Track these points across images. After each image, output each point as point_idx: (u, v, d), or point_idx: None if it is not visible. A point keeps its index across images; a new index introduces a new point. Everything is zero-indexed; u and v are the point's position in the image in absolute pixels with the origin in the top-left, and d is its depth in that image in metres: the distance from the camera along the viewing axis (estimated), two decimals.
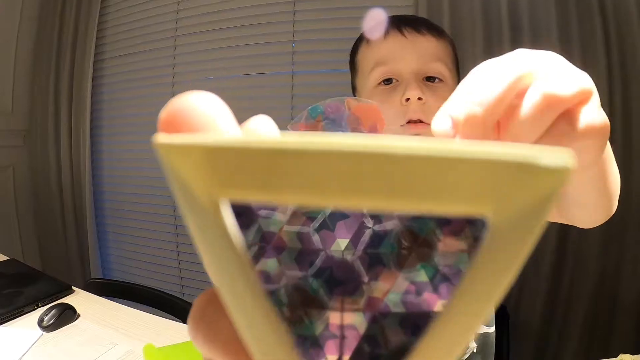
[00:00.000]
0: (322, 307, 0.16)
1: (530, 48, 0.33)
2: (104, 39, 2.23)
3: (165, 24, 2.09)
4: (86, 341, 0.90)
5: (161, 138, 0.12)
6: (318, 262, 0.17)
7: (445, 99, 0.58)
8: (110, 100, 2.26)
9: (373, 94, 0.71)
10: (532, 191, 0.11)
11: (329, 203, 0.13)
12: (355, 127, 0.32)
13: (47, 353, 0.86)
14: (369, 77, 0.72)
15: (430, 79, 0.70)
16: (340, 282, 0.16)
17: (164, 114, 0.15)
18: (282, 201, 0.13)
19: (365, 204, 0.12)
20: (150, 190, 2.20)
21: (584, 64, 1.08)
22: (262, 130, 0.18)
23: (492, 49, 1.64)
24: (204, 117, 0.14)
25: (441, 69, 0.70)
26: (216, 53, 2.02)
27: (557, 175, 0.11)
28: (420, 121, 0.67)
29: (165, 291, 1.27)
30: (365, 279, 0.17)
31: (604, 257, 1.64)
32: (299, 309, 0.15)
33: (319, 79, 1.92)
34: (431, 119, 0.55)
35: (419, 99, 0.66)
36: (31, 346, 0.88)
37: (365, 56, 0.75)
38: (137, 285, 1.29)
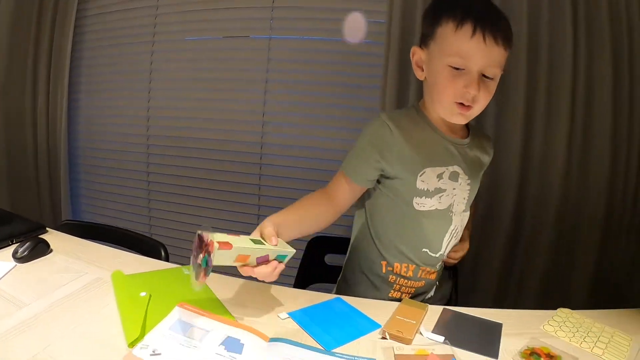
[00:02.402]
0: None
1: None
2: None
3: None
4: (57, 270, 0.95)
5: None
6: None
7: (492, 91, 0.93)
8: (90, 57, 2.26)
9: (443, 69, 0.91)
10: None
11: None
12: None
13: (20, 280, 0.90)
14: (446, 58, 0.90)
15: (486, 76, 0.91)
16: None
17: None
18: None
19: None
20: (125, 138, 2.25)
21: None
22: None
23: None
24: None
25: (497, 72, 0.92)
26: (196, 14, 2.04)
27: None
28: (469, 106, 0.92)
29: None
30: None
31: (562, 212, 1.75)
32: None
33: (296, 45, 1.95)
34: (476, 105, 0.92)
35: (475, 95, 0.90)
36: (4, 274, 0.91)
37: (450, 40, 0.90)
38: (109, 226, 1.34)
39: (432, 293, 1.14)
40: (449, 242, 1.05)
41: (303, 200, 0.98)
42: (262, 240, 0.77)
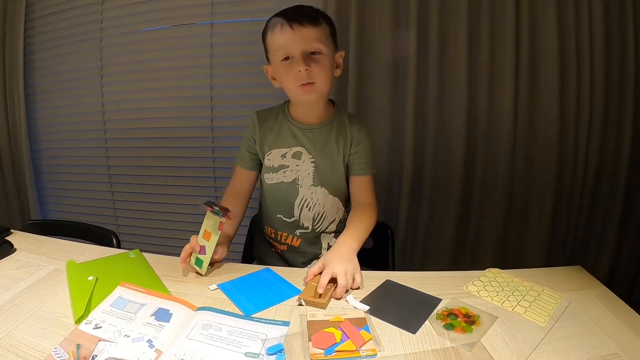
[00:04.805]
0: None
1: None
2: None
3: None
4: (20, 266, 1.06)
5: None
6: None
7: (324, 63, 1.12)
8: (42, 58, 2.32)
9: (279, 66, 1.12)
10: None
11: None
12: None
13: None
14: (275, 55, 1.12)
15: (313, 53, 1.09)
16: None
17: None
18: None
19: None
20: (83, 135, 2.34)
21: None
22: None
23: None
24: None
25: (318, 46, 1.09)
26: (142, 6, 2.11)
27: None
28: (309, 83, 1.10)
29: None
30: None
31: (512, 171, 1.85)
32: None
33: (236, 28, 2.04)
34: (316, 80, 1.11)
35: (306, 69, 1.07)
36: None
37: (271, 42, 1.13)
38: (67, 221, 1.47)
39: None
40: (300, 211, 1.26)
41: None
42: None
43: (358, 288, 0.97)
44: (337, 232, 1.30)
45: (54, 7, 2.22)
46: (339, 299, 0.93)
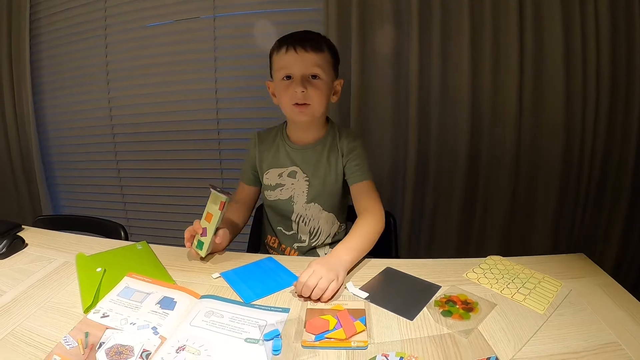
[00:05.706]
0: None
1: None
2: None
3: None
4: (32, 260, 1.10)
5: None
6: None
7: (320, 88, 1.21)
8: (48, 57, 2.35)
9: (280, 83, 1.21)
10: None
11: None
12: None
13: (0, 274, 1.07)
14: (278, 73, 1.20)
15: (312, 76, 1.18)
16: None
17: None
18: None
19: None
20: (91, 131, 2.37)
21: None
22: None
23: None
24: None
25: (317, 71, 1.18)
26: (144, 2, 2.12)
27: None
28: (304, 104, 1.18)
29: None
30: None
31: (517, 159, 1.83)
32: None
33: (239, 21, 2.05)
34: (311, 102, 1.20)
35: (302, 91, 1.15)
36: None
37: (276, 60, 1.22)
38: (77, 216, 1.51)
39: None
40: (298, 225, 1.34)
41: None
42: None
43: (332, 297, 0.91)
44: (334, 243, 1.35)
45: (58, 7, 2.25)
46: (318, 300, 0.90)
